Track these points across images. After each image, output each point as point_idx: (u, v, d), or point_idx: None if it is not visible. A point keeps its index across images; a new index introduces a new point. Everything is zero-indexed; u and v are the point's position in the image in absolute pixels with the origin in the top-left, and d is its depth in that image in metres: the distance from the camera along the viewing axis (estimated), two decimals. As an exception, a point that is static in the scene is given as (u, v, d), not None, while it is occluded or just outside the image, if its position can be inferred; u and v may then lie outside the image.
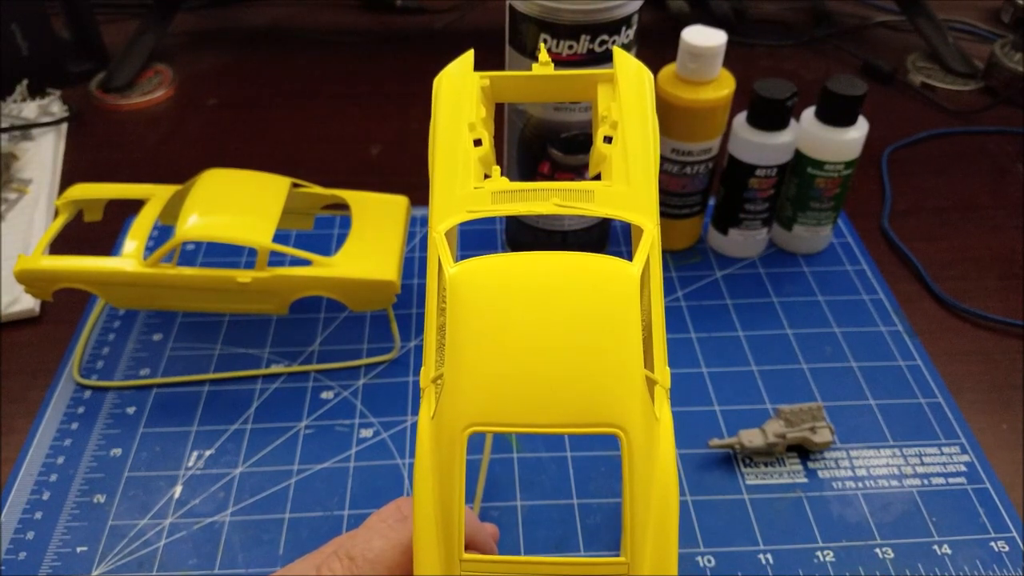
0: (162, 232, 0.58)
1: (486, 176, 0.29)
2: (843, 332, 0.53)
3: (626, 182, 0.28)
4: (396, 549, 0.29)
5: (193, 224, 0.46)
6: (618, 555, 0.24)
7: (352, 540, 0.29)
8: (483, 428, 0.23)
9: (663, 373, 0.25)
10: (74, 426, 0.47)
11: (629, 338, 0.24)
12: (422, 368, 0.26)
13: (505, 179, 0.28)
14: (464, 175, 0.28)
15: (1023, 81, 0.75)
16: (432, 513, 0.24)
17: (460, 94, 0.31)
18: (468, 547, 0.31)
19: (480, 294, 0.24)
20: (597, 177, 0.30)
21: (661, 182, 0.55)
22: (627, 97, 0.31)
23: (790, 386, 0.49)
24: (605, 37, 0.45)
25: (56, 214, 0.51)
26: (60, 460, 0.45)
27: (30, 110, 0.71)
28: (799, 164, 0.54)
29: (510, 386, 0.23)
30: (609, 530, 0.42)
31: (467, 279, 0.25)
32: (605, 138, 0.30)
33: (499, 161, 0.31)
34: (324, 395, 0.48)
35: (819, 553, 0.41)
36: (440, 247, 0.26)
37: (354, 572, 0.28)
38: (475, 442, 0.45)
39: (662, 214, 0.56)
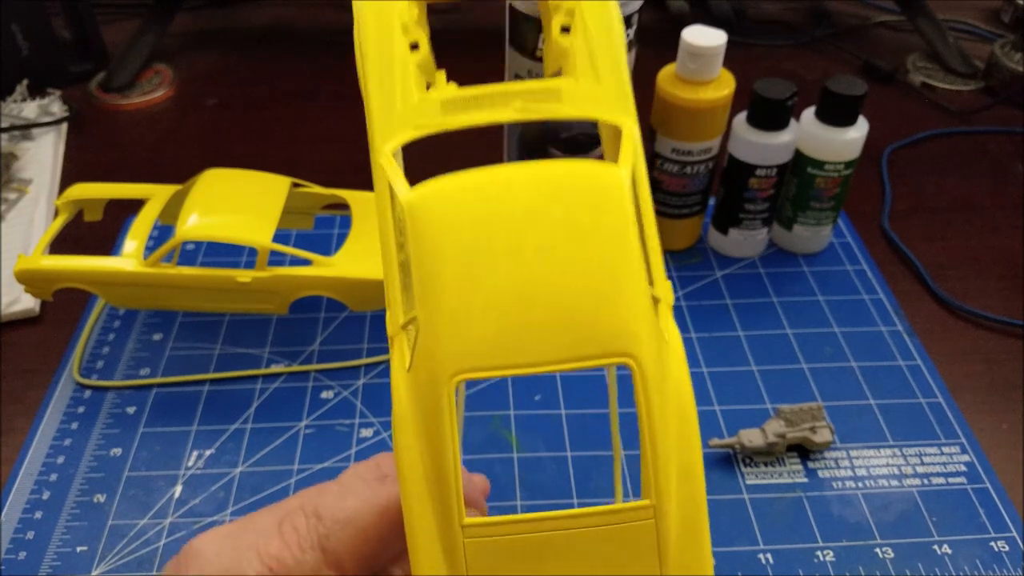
0: (162, 232, 0.58)
1: (428, 86, 0.25)
2: (843, 332, 0.53)
3: (594, 77, 0.24)
4: (372, 511, 0.25)
5: (193, 224, 0.46)
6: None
7: (321, 495, 0.26)
8: (473, 374, 0.20)
9: (664, 288, 0.22)
10: (74, 426, 0.47)
11: (627, 252, 0.21)
12: (387, 314, 0.22)
13: (453, 85, 0.24)
14: (404, 85, 0.24)
15: (1023, 81, 0.75)
16: (422, 474, 0.21)
17: None
18: None
19: (447, 219, 0.21)
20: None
21: (662, 182, 0.55)
22: None
23: (790, 386, 0.49)
24: (605, 37, 0.45)
25: (56, 214, 0.51)
26: (60, 460, 0.45)
27: (30, 110, 0.71)
28: (799, 164, 0.54)
29: (498, 321, 0.20)
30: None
31: (428, 204, 0.21)
32: (562, 28, 0.25)
33: (499, 158, 0.29)
34: (324, 395, 0.48)
35: (819, 553, 0.41)
36: (390, 171, 0.22)
37: (321, 533, 0.25)
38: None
39: (662, 214, 0.56)
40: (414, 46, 0.25)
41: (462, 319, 0.20)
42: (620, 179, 0.21)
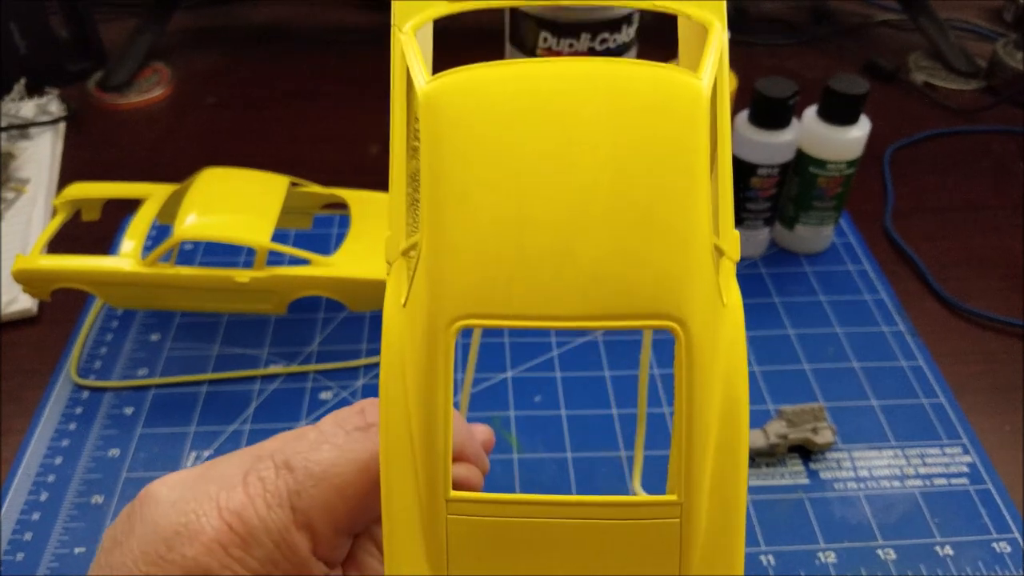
0: (160, 231, 0.58)
1: None
2: (845, 332, 0.52)
3: None
4: (351, 465, 0.22)
5: (191, 223, 0.45)
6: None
7: (296, 443, 0.22)
8: (478, 321, 0.16)
9: (731, 239, 0.18)
10: (72, 426, 0.46)
11: (693, 187, 0.17)
12: (387, 235, 0.19)
13: None
14: None
15: (1025, 80, 0.75)
16: (406, 433, 0.17)
17: None
18: (456, 459, 0.24)
19: (472, 120, 0.17)
20: None
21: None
22: None
23: (792, 386, 0.49)
24: (606, 35, 0.44)
25: (54, 213, 0.51)
26: (58, 461, 0.45)
27: (28, 109, 0.71)
28: (801, 163, 0.54)
29: (517, 256, 0.16)
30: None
31: (451, 98, 0.17)
32: None
33: None
34: (323, 395, 0.48)
35: (821, 554, 0.41)
36: (408, 52, 0.18)
37: (291, 487, 0.21)
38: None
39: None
40: None
41: (473, 249, 0.16)
42: (698, 93, 0.17)
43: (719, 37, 0.18)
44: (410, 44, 0.18)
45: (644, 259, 0.16)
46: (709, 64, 0.18)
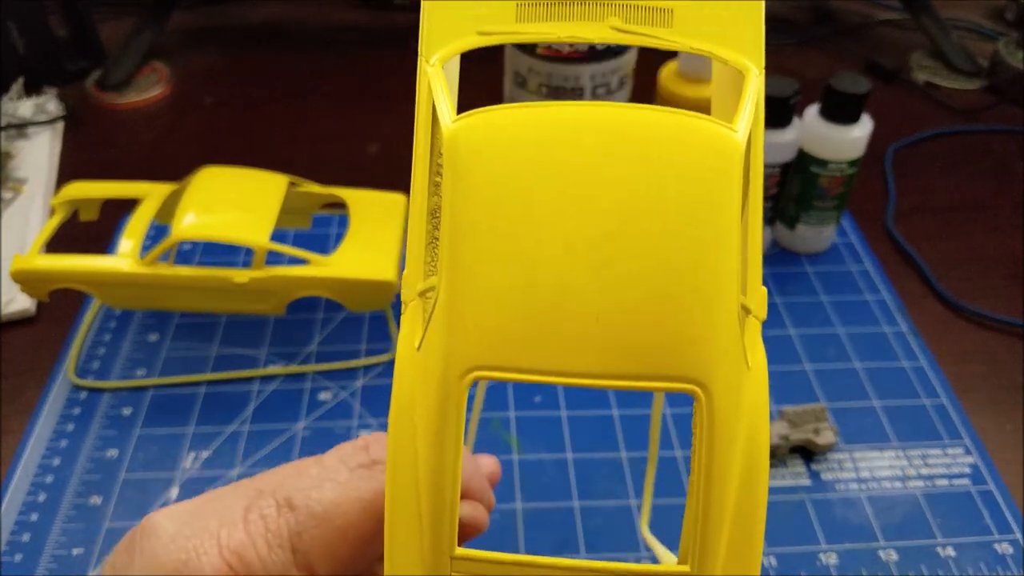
0: (158, 231, 0.58)
1: None
2: (847, 333, 0.52)
3: None
4: (354, 505, 0.21)
5: (189, 223, 0.45)
6: (673, 559, 0.18)
7: (298, 479, 0.22)
8: (492, 373, 0.16)
9: (758, 296, 0.17)
10: (70, 427, 0.46)
11: (722, 244, 0.16)
12: (404, 271, 0.18)
13: None
14: None
15: (1027, 79, 0.74)
16: (414, 483, 0.17)
17: None
18: (460, 498, 0.24)
19: (498, 163, 0.16)
20: None
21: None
22: None
23: (793, 387, 0.49)
24: (606, 34, 0.44)
25: (52, 213, 0.51)
26: (56, 461, 0.44)
27: (26, 108, 0.71)
28: (802, 162, 0.53)
29: (535, 312, 0.16)
30: (611, 533, 0.41)
31: (476, 139, 0.17)
32: None
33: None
34: (322, 396, 0.48)
35: (822, 555, 0.40)
36: (436, 86, 0.18)
37: (292, 527, 0.21)
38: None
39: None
40: None
41: (491, 299, 0.16)
42: (733, 147, 0.17)
43: (756, 84, 0.18)
44: (437, 78, 0.18)
45: (667, 318, 0.16)
46: (745, 113, 0.17)
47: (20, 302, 0.53)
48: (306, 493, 0.22)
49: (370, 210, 0.50)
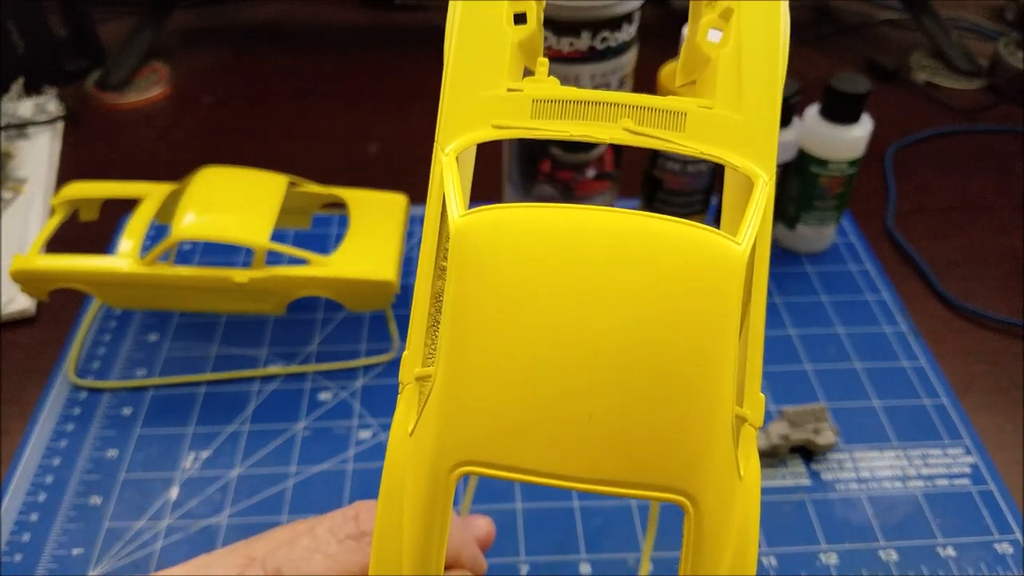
0: (158, 231, 0.58)
1: (527, 73, 0.20)
2: (847, 332, 0.52)
3: (736, 102, 0.18)
4: None
5: (189, 223, 0.45)
6: None
7: (288, 550, 0.23)
8: (482, 470, 0.16)
9: (755, 405, 0.17)
10: (70, 427, 0.46)
11: (718, 357, 0.16)
12: (404, 353, 0.18)
13: (555, 80, 0.19)
14: (493, 67, 0.19)
15: (1027, 79, 0.74)
16: (398, 564, 0.17)
17: None
18: (451, 567, 0.25)
19: (498, 266, 0.17)
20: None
21: (663, 181, 0.54)
22: None
23: (793, 387, 0.49)
24: (606, 33, 0.44)
25: (52, 213, 0.51)
26: (56, 462, 0.44)
27: (26, 108, 0.71)
28: (802, 162, 0.53)
29: (528, 413, 0.16)
30: (611, 534, 0.41)
31: (481, 235, 0.17)
32: (711, 32, 0.20)
33: (498, 159, 0.26)
34: (322, 396, 0.48)
35: (822, 555, 0.40)
36: (448, 177, 0.18)
37: None
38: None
39: (663, 213, 0.56)
40: (520, 18, 0.19)
41: (486, 396, 0.16)
42: (736, 261, 0.17)
43: (765, 192, 0.18)
44: (450, 168, 0.18)
45: (660, 428, 0.16)
46: (752, 223, 0.17)
47: (20, 302, 0.53)
48: (295, 565, 0.22)
49: (370, 210, 0.50)
